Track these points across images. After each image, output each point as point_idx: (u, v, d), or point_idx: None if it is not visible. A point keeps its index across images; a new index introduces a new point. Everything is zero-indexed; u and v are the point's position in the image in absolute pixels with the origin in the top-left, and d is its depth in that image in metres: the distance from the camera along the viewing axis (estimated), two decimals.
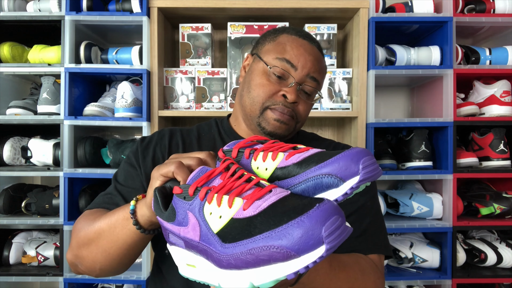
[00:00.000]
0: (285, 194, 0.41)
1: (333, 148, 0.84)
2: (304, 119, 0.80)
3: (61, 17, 1.45)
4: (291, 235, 0.34)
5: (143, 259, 1.44)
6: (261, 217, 0.38)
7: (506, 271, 1.51)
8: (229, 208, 0.41)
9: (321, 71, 0.79)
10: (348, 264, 0.65)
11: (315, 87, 0.78)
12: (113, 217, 0.63)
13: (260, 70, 0.77)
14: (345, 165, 0.43)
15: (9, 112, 1.48)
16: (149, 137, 0.84)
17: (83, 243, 0.66)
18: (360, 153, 0.43)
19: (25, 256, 1.50)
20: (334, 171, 0.43)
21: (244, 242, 0.37)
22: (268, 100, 0.75)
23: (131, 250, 0.64)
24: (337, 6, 1.49)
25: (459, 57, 1.51)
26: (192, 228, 0.43)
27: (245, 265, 0.37)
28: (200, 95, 1.54)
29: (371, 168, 0.43)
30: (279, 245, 0.34)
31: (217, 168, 0.47)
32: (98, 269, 0.67)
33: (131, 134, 1.82)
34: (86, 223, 0.68)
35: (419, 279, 1.48)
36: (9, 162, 1.51)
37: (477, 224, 1.49)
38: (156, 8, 1.48)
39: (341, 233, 0.35)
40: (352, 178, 0.42)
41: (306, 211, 0.35)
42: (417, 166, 1.52)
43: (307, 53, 0.76)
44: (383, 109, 1.84)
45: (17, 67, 1.48)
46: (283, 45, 0.77)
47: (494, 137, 1.51)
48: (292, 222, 0.35)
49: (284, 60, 0.75)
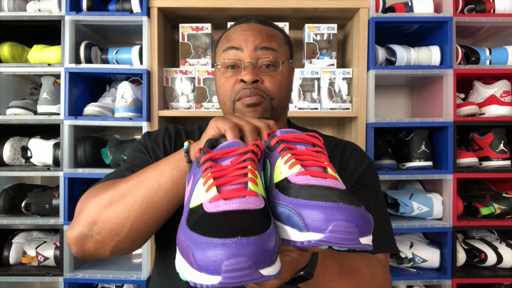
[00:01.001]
0: (250, 207, 0.40)
1: (334, 146, 0.82)
2: (279, 94, 0.76)
3: (61, 17, 1.45)
4: (203, 251, 0.35)
5: (143, 259, 1.44)
6: (210, 218, 0.39)
7: (506, 271, 1.51)
8: (205, 193, 0.42)
9: (270, 38, 0.76)
10: (358, 267, 0.64)
11: (273, 55, 0.75)
12: (158, 165, 0.60)
13: (217, 73, 0.78)
14: (318, 216, 0.39)
15: (9, 112, 1.48)
16: (156, 131, 0.83)
17: (110, 202, 0.59)
18: (343, 213, 0.39)
19: (25, 256, 1.50)
20: (305, 215, 0.40)
21: (186, 231, 0.39)
22: (232, 93, 0.75)
23: (176, 197, 0.60)
24: (337, 6, 1.49)
25: (459, 57, 1.51)
26: (188, 191, 0.47)
27: (179, 251, 0.40)
28: (200, 95, 1.54)
29: (339, 235, 0.38)
30: (193, 252, 0.36)
31: (240, 149, 0.47)
32: (127, 229, 0.59)
33: (131, 134, 1.82)
34: (108, 188, 0.61)
35: (419, 279, 1.48)
36: (9, 162, 1.51)
37: (477, 224, 1.49)
38: (156, 8, 1.48)
39: (242, 276, 0.34)
40: (315, 233, 0.39)
41: (229, 237, 0.35)
42: (417, 166, 1.52)
43: (247, 31, 0.76)
44: (383, 109, 1.84)
45: (17, 67, 1.48)
46: (225, 39, 0.78)
47: (494, 137, 1.51)
48: (214, 239, 0.35)
49: (228, 48, 0.76)
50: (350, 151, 0.82)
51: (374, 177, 0.81)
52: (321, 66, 1.56)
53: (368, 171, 0.80)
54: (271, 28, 0.79)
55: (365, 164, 0.80)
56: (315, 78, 1.54)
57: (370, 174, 0.80)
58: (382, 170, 1.52)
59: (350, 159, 0.80)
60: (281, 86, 0.76)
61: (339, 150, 0.81)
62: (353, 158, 0.81)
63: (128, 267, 1.53)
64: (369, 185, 0.78)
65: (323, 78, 1.55)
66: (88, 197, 0.63)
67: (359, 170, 0.79)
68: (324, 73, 1.54)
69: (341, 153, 0.81)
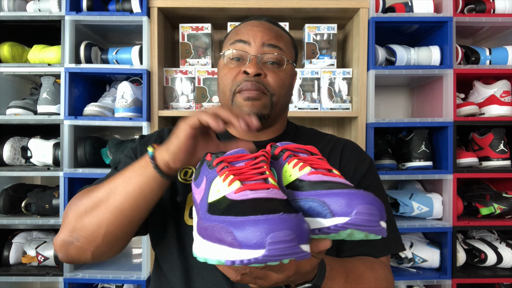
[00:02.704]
0: (277, 196, 0.43)
1: (333, 145, 0.83)
2: (280, 91, 0.76)
3: (61, 17, 1.45)
4: (244, 228, 0.37)
5: (143, 259, 1.44)
6: (242, 204, 0.41)
7: (506, 271, 1.51)
8: (227, 187, 0.45)
9: (278, 37, 0.77)
10: (363, 274, 0.67)
11: (278, 53, 0.76)
12: (125, 172, 0.61)
13: (222, 63, 0.78)
14: (342, 202, 0.42)
15: (9, 112, 1.48)
16: (149, 135, 0.84)
17: (85, 211, 0.62)
18: (364, 198, 0.42)
19: (25, 256, 1.50)
20: (329, 202, 0.43)
21: (216, 218, 0.41)
22: (234, 84, 0.74)
23: (146, 202, 0.61)
24: (337, 6, 1.49)
25: (459, 57, 1.51)
26: (200, 191, 0.50)
27: (206, 237, 0.41)
28: (200, 95, 1.54)
29: (364, 217, 0.41)
30: (231, 231, 0.38)
31: (249, 155, 0.51)
32: (102, 235, 0.61)
33: (131, 134, 1.82)
34: (85, 196, 0.64)
35: (419, 279, 1.48)
36: (9, 162, 1.51)
37: (477, 224, 1.49)
38: (156, 8, 1.48)
39: (285, 249, 0.36)
40: (341, 217, 0.42)
41: (271, 214, 0.37)
42: (417, 166, 1.52)
43: (256, 27, 0.77)
44: (383, 109, 1.84)
45: (17, 67, 1.48)
46: (234, 33, 0.79)
47: (494, 137, 1.52)
48: (255, 217, 0.37)
49: (236, 41, 0.76)
50: (349, 151, 0.82)
51: (376, 177, 0.82)
52: (321, 66, 1.56)
53: (369, 172, 0.80)
54: (280, 29, 0.80)
55: (366, 164, 0.80)
56: (315, 78, 1.54)
57: (372, 175, 0.80)
58: (382, 170, 1.52)
59: (350, 159, 0.80)
60: (283, 84, 0.76)
61: (338, 150, 0.81)
62: (353, 158, 0.81)
63: (128, 267, 1.53)
64: (371, 186, 0.79)
65: (323, 78, 1.55)
66: (72, 203, 0.66)
67: (361, 170, 0.79)
68: (324, 73, 1.55)
69: (341, 153, 0.81)
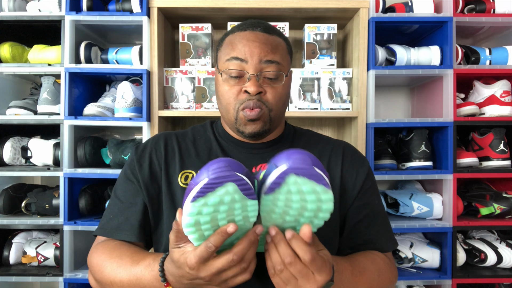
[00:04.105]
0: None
1: (331, 151, 0.85)
2: (278, 105, 0.78)
3: (61, 17, 1.45)
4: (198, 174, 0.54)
5: None
6: None
7: (506, 271, 1.51)
8: None
9: (274, 50, 0.77)
10: (366, 267, 0.73)
11: (276, 69, 0.77)
12: (135, 269, 0.68)
13: (220, 79, 0.79)
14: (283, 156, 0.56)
15: (9, 112, 1.48)
16: (143, 144, 0.84)
17: (106, 284, 0.72)
18: (299, 151, 0.56)
19: (25, 256, 1.50)
20: (275, 160, 0.57)
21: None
22: (237, 102, 0.76)
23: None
24: (337, 6, 1.49)
25: (459, 57, 1.51)
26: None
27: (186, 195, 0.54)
28: (200, 95, 1.54)
29: (299, 162, 0.54)
30: (192, 181, 0.54)
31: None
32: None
33: (131, 134, 1.82)
34: (106, 261, 0.72)
35: (419, 279, 1.48)
36: (9, 162, 1.51)
37: (477, 224, 1.49)
38: (156, 8, 1.48)
39: (222, 173, 0.51)
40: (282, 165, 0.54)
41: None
42: (417, 166, 1.52)
43: (251, 42, 0.76)
44: (383, 109, 1.84)
45: (17, 67, 1.48)
46: (229, 46, 0.79)
47: (494, 137, 1.51)
48: None
49: (232, 58, 0.76)
50: (350, 156, 0.85)
51: (373, 178, 0.86)
52: (321, 66, 1.56)
53: (370, 174, 0.85)
54: (276, 37, 0.79)
55: (366, 165, 0.85)
56: (315, 78, 1.54)
57: (371, 176, 0.85)
58: (382, 170, 1.52)
59: (352, 164, 0.84)
60: (281, 98, 0.79)
61: (339, 156, 0.84)
62: (354, 162, 0.84)
63: None
64: (372, 186, 0.84)
65: (323, 78, 1.55)
66: (97, 256, 0.75)
67: (363, 171, 0.83)
68: (324, 73, 1.54)
69: (342, 161, 0.83)
